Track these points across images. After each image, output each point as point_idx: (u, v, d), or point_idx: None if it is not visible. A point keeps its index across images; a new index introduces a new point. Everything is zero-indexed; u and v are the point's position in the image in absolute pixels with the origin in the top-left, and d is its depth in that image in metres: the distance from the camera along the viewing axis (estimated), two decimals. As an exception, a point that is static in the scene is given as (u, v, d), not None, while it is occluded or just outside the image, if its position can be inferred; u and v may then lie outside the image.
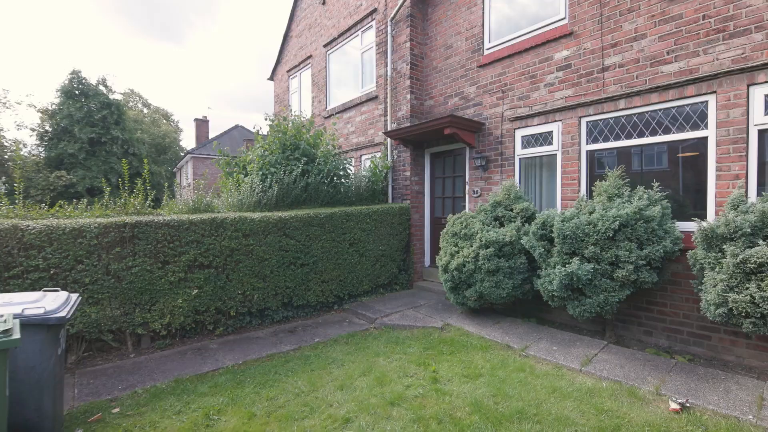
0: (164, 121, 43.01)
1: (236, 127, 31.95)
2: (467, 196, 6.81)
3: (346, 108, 9.19)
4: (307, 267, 5.94)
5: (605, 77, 4.95)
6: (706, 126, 4.20)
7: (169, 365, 4.34)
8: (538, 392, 3.51)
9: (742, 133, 3.90)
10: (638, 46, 4.65)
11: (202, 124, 32.45)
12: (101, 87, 26.05)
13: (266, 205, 6.31)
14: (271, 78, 13.09)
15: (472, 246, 5.02)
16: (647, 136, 4.63)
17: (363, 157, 8.82)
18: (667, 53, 4.43)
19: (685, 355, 4.15)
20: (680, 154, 4.47)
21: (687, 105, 4.32)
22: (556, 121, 5.46)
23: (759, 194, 3.82)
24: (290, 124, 7.32)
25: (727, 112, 3.99)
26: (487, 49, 6.46)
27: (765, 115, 3.77)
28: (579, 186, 5.21)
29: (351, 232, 6.44)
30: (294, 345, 4.88)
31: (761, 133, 3.83)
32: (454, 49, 7.01)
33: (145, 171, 5.82)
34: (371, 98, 8.41)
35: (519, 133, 5.97)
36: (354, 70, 9.21)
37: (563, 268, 4.07)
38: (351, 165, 8.27)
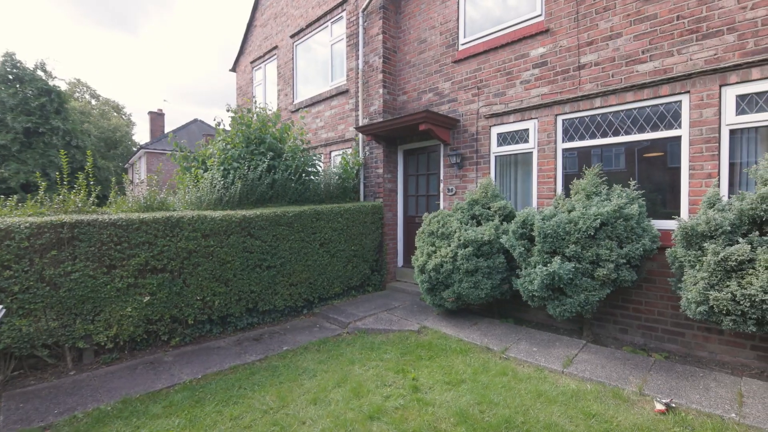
0: (115, 114, 40.12)
1: (195, 121, 30.29)
2: (442, 194, 6.66)
3: (314, 102, 8.79)
4: (274, 269, 5.53)
5: (581, 75, 4.94)
6: (679, 125, 4.25)
7: (116, 383, 3.82)
8: (523, 398, 3.36)
9: (714, 133, 3.96)
10: (614, 45, 4.65)
11: (157, 118, 30.54)
12: (39, 72, 23.61)
13: (228, 203, 5.83)
14: (234, 69, 12.39)
15: (450, 245, 4.84)
16: (622, 135, 4.64)
17: (333, 154, 8.47)
18: (642, 52, 4.45)
19: (660, 353, 4.18)
20: (653, 154, 4.51)
21: (661, 104, 4.36)
22: (532, 118, 5.41)
23: (731, 193, 3.89)
24: (255, 117, 6.84)
25: (700, 111, 4.05)
26: (462, 44, 6.33)
27: (737, 115, 3.85)
28: (555, 184, 5.18)
29: (321, 232, 6.09)
30: (260, 354, 4.48)
31: (732, 132, 3.91)
32: (429, 43, 6.83)
33: (89, 164, 5.17)
34: (341, 92, 8.08)
35: (495, 131, 5.87)
36: (323, 62, 8.83)
37: (544, 268, 3.97)
38: (320, 161, 7.90)
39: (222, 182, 5.81)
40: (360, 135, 7.48)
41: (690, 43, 4.14)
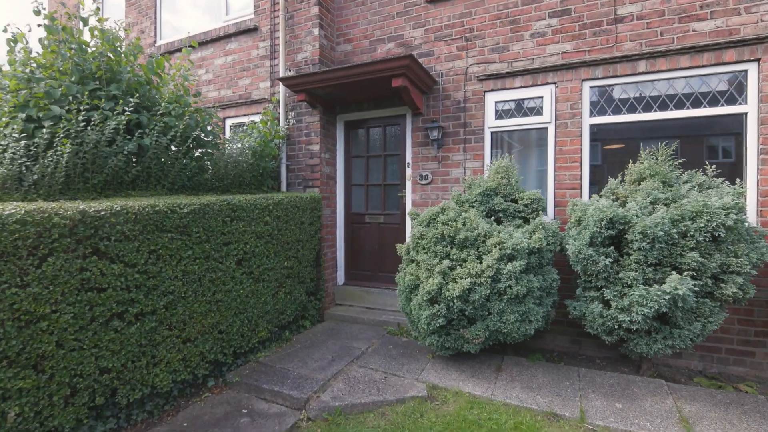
0: None
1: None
2: (409, 184, 4.85)
3: (198, 44, 5.81)
4: (151, 319, 2.84)
5: (618, 30, 3.84)
6: (744, 100, 3.48)
7: None
8: None
9: (796, 109, 3.27)
10: (664, -6, 3.68)
11: None
12: None
13: (42, 187, 2.83)
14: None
15: (483, 258, 3.09)
16: (671, 110, 3.70)
17: (230, 122, 5.72)
18: (701, 7, 3.56)
19: (743, 382, 3.32)
20: (703, 134, 3.70)
21: (724, 73, 3.54)
22: (548, 83, 4.10)
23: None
24: (97, 34, 3.76)
25: (778, 83, 3.32)
26: (440, -21, 4.66)
27: (827, 88, 3.21)
28: (581, 170, 3.98)
29: (240, 241, 3.57)
30: None
31: (815, 110, 3.28)
32: (387, -26, 4.93)
33: None
34: (244, 31, 5.44)
35: (491, 98, 4.39)
36: (209, -14, 5.95)
37: (656, 288, 2.61)
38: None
39: (22, 144, 2.76)
40: (281, 93, 5.05)
41: (762, 1, 3.39)
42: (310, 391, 3.18)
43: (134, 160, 3.51)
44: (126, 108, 3.31)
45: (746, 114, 3.47)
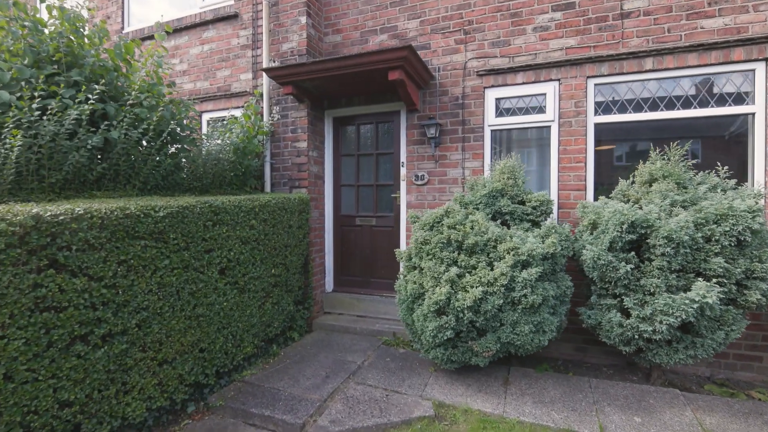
0: None
1: None
2: (404, 184, 4.59)
3: (172, 30, 5.33)
4: (121, 340, 2.45)
5: (625, 26, 3.71)
6: (752, 100, 3.41)
7: None
8: None
9: (805, 110, 3.22)
10: (671, -10, 3.57)
11: None
12: None
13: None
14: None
15: (495, 265, 2.86)
16: (678, 109, 3.60)
17: (207, 116, 5.28)
18: (709, 4, 3.47)
19: (754, 388, 3.24)
20: (706, 135, 3.62)
21: (731, 72, 3.45)
22: (551, 80, 3.93)
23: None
24: (55, 13, 3.29)
25: (787, 82, 3.26)
26: (436, -32, 4.41)
27: (835, 88, 3.17)
28: (585, 171, 3.83)
29: (223, 247, 3.20)
30: None
31: (822, 111, 3.24)
32: (380, -39, 4.64)
33: None
34: (224, 18, 5.02)
35: (492, 94, 4.18)
36: (184, -31, 5.48)
37: (684, 296, 2.45)
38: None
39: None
40: (265, 86, 4.67)
41: (769, -2, 3.32)
42: (305, 414, 2.85)
43: (99, 156, 3.08)
44: (90, 96, 2.88)
45: (754, 114, 3.40)
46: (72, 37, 3.25)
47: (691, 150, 3.63)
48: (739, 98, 3.45)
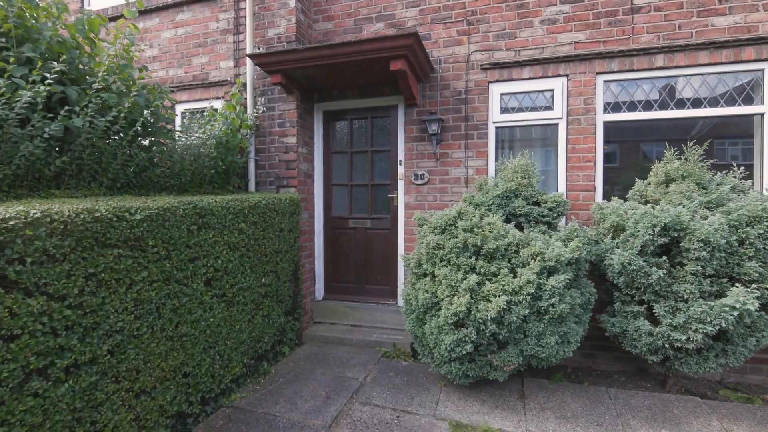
0: None
1: None
2: (401, 184, 4.29)
3: (138, 12, 4.77)
4: (90, 371, 2.01)
5: (635, 21, 3.59)
6: (761, 100, 3.37)
7: None
8: None
9: (814, 111, 3.20)
10: (682, -14, 3.48)
11: None
12: None
13: None
14: None
15: (519, 271, 2.62)
16: (688, 108, 3.52)
17: (181, 107, 4.76)
18: (720, 1, 3.41)
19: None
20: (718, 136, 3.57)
21: (742, 72, 3.40)
22: (560, 75, 3.76)
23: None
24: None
25: (797, 83, 3.24)
26: (437, -46, 4.15)
27: None
28: (595, 171, 3.69)
29: (210, 255, 2.78)
30: None
31: (831, 112, 3.23)
32: (375, -56, 4.33)
33: None
34: (202, -1, 4.55)
35: (496, 89, 3.97)
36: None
37: (722, 303, 2.31)
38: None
39: None
40: (248, 75, 4.24)
41: (779, -3, 3.29)
42: (309, 445, 2.51)
43: (59, 148, 2.59)
44: (47, 75, 2.39)
45: (763, 114, 3.36)
46: (23, 6, 2.72)
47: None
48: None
